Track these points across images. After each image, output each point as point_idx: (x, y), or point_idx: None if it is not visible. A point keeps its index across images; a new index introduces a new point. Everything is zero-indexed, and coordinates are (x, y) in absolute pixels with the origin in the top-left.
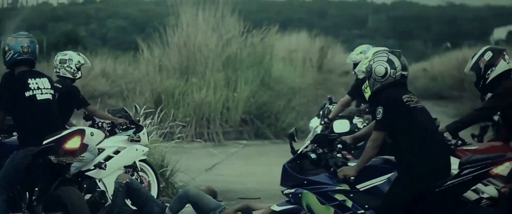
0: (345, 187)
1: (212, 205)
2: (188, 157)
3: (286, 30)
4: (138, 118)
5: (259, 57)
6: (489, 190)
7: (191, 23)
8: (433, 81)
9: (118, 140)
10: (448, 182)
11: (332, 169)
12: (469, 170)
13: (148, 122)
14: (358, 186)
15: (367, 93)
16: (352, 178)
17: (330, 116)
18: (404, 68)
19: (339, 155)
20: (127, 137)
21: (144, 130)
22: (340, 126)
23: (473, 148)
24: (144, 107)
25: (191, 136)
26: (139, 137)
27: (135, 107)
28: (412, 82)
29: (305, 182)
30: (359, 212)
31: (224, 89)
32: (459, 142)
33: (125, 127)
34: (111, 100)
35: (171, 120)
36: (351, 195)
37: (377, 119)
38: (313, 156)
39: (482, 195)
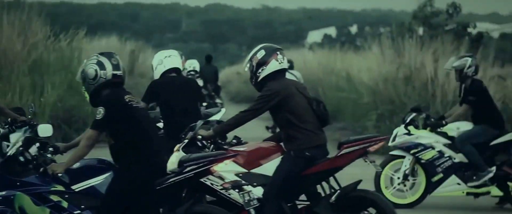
0: (59, 187)
1: None
2: None
3: (96, 34)
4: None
5: (67, 61)
6: (257, 191)
7: None
8: (246, 84)
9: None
10: (170, 179)
11: (42, 169)
12: (191, 167)
13: None
14: (73, 187)
15: (87, 98)
16: (60, 174)
17: None
18: (115, 68)
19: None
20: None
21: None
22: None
23: (241, 148)
24: None
25: None
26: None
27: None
28: (226, 86)
29: (18, 183)
30: (75, 212)
31: (31, 94)
32: (234, 141)
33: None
34: None
35: None
36: (66, 195)
37: (97, 118)
38: (21, 158)
39: (250, 198)
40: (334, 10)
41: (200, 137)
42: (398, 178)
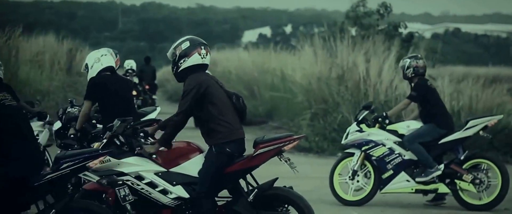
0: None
1: None
2: None
3: (32, 32)
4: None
5: (4, 60)
6: (176, 190)
7: None
8: (175, 84)
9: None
10: (47, 176)
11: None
12: (67, 164)
13: None
14: None
15: None
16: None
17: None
18: None
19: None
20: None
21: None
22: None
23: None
24: None
25: None
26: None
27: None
28: (164, 85)
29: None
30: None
31: None
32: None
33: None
34: None
35: None
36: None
37: None
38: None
39: (125, 193)
40: (269, 9)
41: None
42: (349, 176)
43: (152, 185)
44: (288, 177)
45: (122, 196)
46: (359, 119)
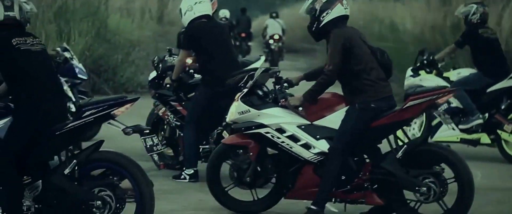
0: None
1: None
2: None
3: None
4: None
5: (94, 8)
6: (320, 145)
7: None
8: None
9: None
10: (70, 125)
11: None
12: (90, 111)
13: None
14: None
15: None
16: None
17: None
18: (8, 9)
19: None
20: None
21: None
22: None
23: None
24: None
25: None
26: None
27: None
28: (258, 35)
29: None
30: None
31: (57, 42)
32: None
33: None
34: None
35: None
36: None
37: None
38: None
39: (153, 143)
40: None
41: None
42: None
43: (293, 138)
44: None
45: (148, 146)
46: (418, 65)
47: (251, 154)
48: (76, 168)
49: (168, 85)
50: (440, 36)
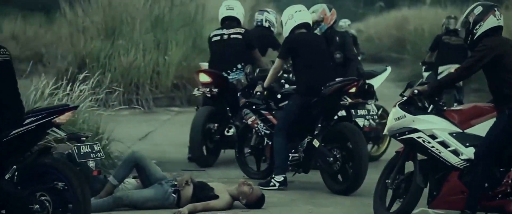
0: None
1: (158, 175)
2: (118, 125)
3: None
4: None
5: (190, 17)
6: (468, 152)
7: None
8: (369, 42)
9: None
10: (12, 132)
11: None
12: (30, 119)
13: (83, 87)
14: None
15: None
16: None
17: None
18: None
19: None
20: None
21: None
22: None
23: (458, 108)
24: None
25: (118, 102)
26: None
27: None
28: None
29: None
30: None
31: (154, 52)
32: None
33: None
34: (22, 65)
35: (106, 86)
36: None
37: None
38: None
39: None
40: None
41: (416, 92)
42: None
43: (444, 144)
44: None
45: (82, 153)
46: None
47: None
48: (16, 173)
49: (258, 93)
50: None
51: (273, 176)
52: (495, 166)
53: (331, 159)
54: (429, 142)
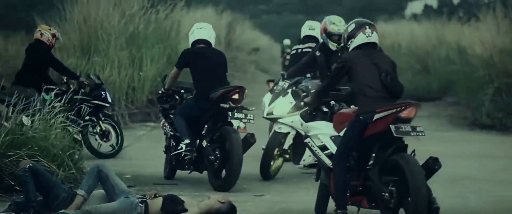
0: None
1: (122, 187)
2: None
3: (190, 5)
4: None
5: (165, 34)
6: None
7: None
8: None
9: None
10: None
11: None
12: None
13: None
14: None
15: None
16: None
17: None
18: None
19: None
20: None
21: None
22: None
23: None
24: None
25: None
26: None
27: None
28: None
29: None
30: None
31: (129, 68)
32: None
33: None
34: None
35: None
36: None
37: None
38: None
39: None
40: None
41: (302, 104)
42: None
43: (323, 148)
44: (472, 156)
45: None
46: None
47: None
48: None
49: (160, 92)
50: (509, 60)
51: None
52: (357, 166)
53: (213, 157)
54: (313, 146)
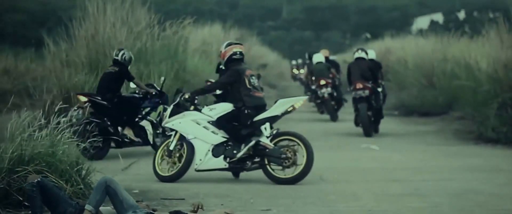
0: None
1: (131, 201)
2: None
3: (198, 22)
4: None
5: (172, 50)
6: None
7: (98, 15)
8: None
9: None
10: None
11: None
12: None
13: (61, 119)
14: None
15: None
16: None
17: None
18: None
19: None
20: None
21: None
22: None
23: None
24: (54, 104)
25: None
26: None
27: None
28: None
29: None
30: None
31: None
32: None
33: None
34: (15, 98)
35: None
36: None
37: None
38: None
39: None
40: None
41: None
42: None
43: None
44: (478, 170)
45: None
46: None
47: None
48: None
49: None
50: None
51: None
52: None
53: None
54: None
